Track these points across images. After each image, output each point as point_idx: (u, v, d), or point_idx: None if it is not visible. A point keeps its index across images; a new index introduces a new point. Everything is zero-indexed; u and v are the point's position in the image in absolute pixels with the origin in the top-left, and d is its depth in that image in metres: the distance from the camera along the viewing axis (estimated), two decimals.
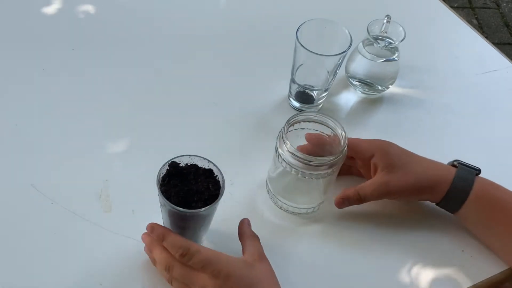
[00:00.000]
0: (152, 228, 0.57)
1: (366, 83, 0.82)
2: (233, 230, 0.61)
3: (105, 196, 0.68)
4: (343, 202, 0.65)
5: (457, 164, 0.65)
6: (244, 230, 0.61)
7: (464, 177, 0.63)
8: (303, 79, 0.77)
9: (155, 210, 0.67)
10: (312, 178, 0.62)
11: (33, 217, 0.65)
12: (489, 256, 0.67)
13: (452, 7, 1.40)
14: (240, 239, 0.61)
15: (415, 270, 0.65)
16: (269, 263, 0.58)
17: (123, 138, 0.75)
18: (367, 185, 0.64)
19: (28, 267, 0.61)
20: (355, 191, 0.64)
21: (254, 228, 0.62)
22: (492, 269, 0.65)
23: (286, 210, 0.68)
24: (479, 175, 0.65)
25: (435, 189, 0.64)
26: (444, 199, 0.64)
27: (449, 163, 0.66)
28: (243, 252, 0.59)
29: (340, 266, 0.65)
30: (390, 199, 0.67)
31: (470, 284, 0.64)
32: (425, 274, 0.64)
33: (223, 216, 0.63)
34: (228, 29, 0.92)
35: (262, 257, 0.58)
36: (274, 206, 0.69)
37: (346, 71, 0.83)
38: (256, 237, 0.60)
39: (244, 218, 0.62)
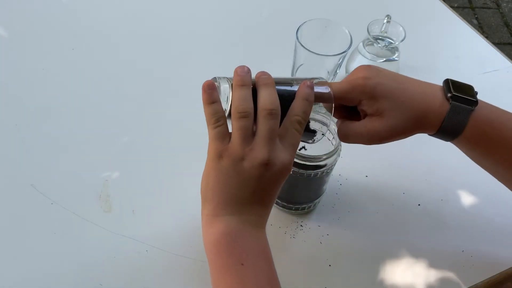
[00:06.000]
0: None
1: None
2: None
3: (105, 196, 0.68)
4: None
5: (450, 102, 0.57)
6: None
7: (456, 121, 0.58)
8: None
9: (155, 210, 0.67)
10: (310, 175, 0.62)
11: (33, 217, 0.65)
12: (489, 256, 0.67)
13: (452, 7, 1.40)
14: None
15: (415, 270, 0.65)
16: None
17: (123, 138, 0.75)
18: (357, 133, 0.58)
19: (28, 267, 0.61)
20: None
21: None
22: (492, 269, 0.65)
23: (283, 207, 0.68)
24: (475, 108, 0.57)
25: (423, 129, 0.59)
26: (435, 135, 0.60)
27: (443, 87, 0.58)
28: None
29: (338, 265, 0.65)
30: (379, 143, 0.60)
31: (470, 284, 0.64)
32: (425, 274, 0.64)
33: None
34: (227, 29, 0.92)
35: None
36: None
37: (346, 71, 0.83)
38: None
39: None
